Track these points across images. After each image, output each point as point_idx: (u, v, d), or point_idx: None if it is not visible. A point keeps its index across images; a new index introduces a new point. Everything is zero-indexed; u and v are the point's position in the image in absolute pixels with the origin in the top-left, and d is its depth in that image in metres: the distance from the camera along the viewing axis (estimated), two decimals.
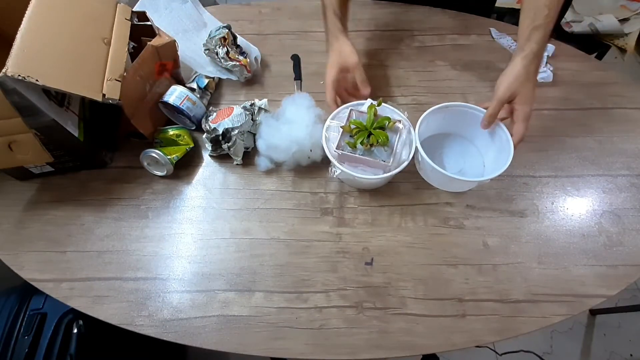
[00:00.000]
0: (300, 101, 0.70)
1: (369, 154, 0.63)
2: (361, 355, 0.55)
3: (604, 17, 1.29)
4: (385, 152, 0.63)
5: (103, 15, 0.64)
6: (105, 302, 0.59)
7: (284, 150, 0.67)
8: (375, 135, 0.62)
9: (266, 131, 0.69)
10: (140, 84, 0.67)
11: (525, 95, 0.60)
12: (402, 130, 0.65)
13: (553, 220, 0.65)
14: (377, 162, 0.62)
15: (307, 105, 0.70)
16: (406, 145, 0.65)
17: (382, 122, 0.64)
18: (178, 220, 0.67)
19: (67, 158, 0.67)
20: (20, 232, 0.66)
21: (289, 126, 0.67)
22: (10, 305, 0.82)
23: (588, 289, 0.59)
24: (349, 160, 0.64)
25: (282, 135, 0.67)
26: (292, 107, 0.70)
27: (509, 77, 0.60)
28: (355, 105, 0.68)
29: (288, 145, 0.66)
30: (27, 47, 0.51)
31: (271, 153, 0.69)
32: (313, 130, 0.67)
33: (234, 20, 0.90)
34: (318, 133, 0.66)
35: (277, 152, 0.68)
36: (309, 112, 0.68)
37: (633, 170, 0.70)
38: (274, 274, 0.61)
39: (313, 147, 0.67)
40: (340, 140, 0.64)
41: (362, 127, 0.64)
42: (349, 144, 0.63)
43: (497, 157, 0.64)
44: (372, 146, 0.62)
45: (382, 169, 0.63)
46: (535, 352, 1.23)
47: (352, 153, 0.63)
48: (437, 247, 0.63)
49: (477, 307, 0.58)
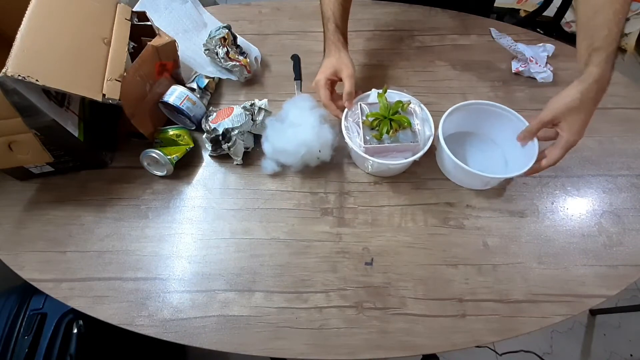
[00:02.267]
0: (302, 103, 0.70)
1: (396, 141, 0.64)
2: (361, 355, 0.55)
3: None
4: (410, 134, 0.65)
5: (103, 15, 0.64)
6: (105, 302, 0.59)
7: (292, 153, 0.67)
8: (397, 120, 0.64)
9: (272, 135, 0.68)
10: (140, 84, 0.67)
11: (572, 124, 0.55)
12: (414, 109, 0.67)
13: (553, 220, 0.65)
14: (407, 145, 0.63)
15: (310, 106, 0.70)
16: (425, 122, 0.67)
17: (397, 107, 0.65)
18: (178, 220, 0.67)
19: (67, 158, 0.67)
20: (20, 232, 0.66)
21: (294, 129, 0.67)
22: (10, 305, 0.82)
23: (588, 289, 0.59)
24: (378, 152, 0.64)
25: (288, 138, 0.67)
26: (294, 110, 0.70)
27: (558, 99, 0.55)
28: (361, 98, 0.69)
29: (296, 148, 0.66)
30: (27, 47, 0.51)
31: (279, 157, 0.69)
32: (320, 131, 0.67)
33: (234, 20, 0.90)
34: (325, 133, 0.66)
35: (286, 155, 0.68)
36: (312, 113, 0.68)
37: (633, 170, 0.70)
38: (274, 274, 0.61)
39: (322, 148, 0.67)
40: (365, 135, 0.64)
41: (381, 116, 0.64)
42: (375, 137, 0.64)
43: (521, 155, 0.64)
44: (396, 132, 0.64)
45: (412, 150, 0.64)
46: (535, 352, 1.23)
47: (381, 144, 0.64)
48: (437, 247, 0.63)
49: (477, 307, 0.58)
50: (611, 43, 0.52)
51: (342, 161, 0.72)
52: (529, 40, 0.86)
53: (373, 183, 0.70)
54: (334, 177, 0.70)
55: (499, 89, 0.81)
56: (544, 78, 0.80)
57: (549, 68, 0.80)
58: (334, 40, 0.70)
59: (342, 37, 0.71)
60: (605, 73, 0.52)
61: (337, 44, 0.70)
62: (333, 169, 0.71)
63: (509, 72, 0.83)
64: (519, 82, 0.82)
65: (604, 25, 0.51)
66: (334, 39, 0.70)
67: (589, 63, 0.53)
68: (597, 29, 0.52)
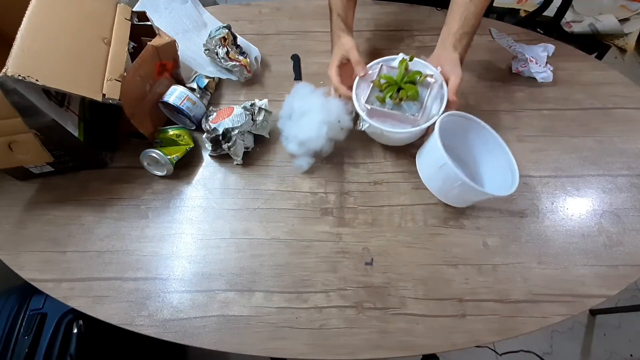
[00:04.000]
0: (301, 92, 0.71)
1: (397, 109, 0.62)
2: (361, 355, 0.55)
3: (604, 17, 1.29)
4: (414, 107, 0.62)
5: (103, 15, 0.64)
6: (105, 302, 0.59)
7: (316, 137, 0.67)
8: (405, 89, 0.62)
9: (290, 133, 0.69)
10: (140, 84, 0.67)
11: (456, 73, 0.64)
12: (433, 84, 0.64)
13: (553, 220, 0.65)
14: (406, 117, 0.61)
15: (309, 91, 0.70)
16: (437, 100, 0.64)
17: (413, 77, 0.63)
18: (178, 220, 0.67)
19: (67, 158, 0.67)
20: (20, 232, 0.66)
21: (306, 117, 0.67)
22: (10, 305, 0.82)
23: (588, 289, 0.59)
24: (377, 115, 0.63)
25: (306, 127, 0.67)
26: (297, 101, 0.70)
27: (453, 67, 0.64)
28: (386, 60, 0.67)
29: (317, 131, 0.66)
30: (27, 47, 0.51)
31: (307, 148, 0.68)
32: (329, 105, 0.67)
33: (234, 20, 0.90)
34: (334, 104, 0.66)
35: (312, 143, 0.67)
36: (314, 94, 0.69)
37: (633, 170, 0.70)
38: (274, 274, 0.61)
39: (339, 117, 0.66)
40: (370, 94, 0.63)
41: (392, 81, 0.63)
42: (378, 99, 0.62)
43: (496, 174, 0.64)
44: (401, 100, 0.61)
45: (410, 123, 0.62)
46: (535, 352, 1.23)
47: (381, 108, 0.62)
48: (437, 247, 0.63)
49: (477, 307, 0.58)
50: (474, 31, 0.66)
51: (342, 161, 0.72)
52: (529, 40, 0.86)
53: (373, 183, 0.70)
54: (334, 177, 0.70)
55: (499, 89, 0.81)
56: (544, 78, 0.80)
57: (549, 68, 0.80)
58: (336, 29, 0.71)
59: (343, 24, 0.71)
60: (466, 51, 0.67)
61: (338, 32, 0.70)
62: (333, 169, 0.71)
63: (509, 72, 0.83)
64: (519, 82, 0.82)
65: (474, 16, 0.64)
66: (336, 27, 0.71)
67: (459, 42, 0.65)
68: (470, 16, 0.64)
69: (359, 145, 0.73)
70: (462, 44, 0.65)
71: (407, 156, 0.72)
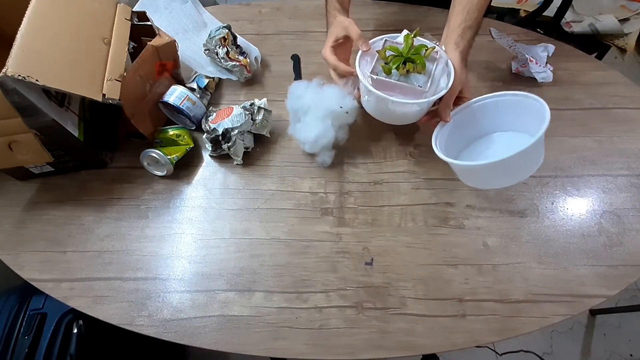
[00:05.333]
0: (296, 93, 0.70)
1: (404, 80, 0.59)
2: (361, 355, 0.55)
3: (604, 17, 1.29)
4: (422, 79, 0.60)
5: (103, 15, 0.64)
6: (105, 302, 0.59)
7: (325, 131, 0.66)
8: (413, 59, 0.59)
9: (303, 135, 0.69)
10: (140, 84, 0.67)
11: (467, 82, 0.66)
12: (439, 59, 0.62)
13: (553, 220, 0.65)
14: (413, 88, 0.59)
15: (303, 89, 0.69)
16: (444, 74, 0.62)
17: (419, 50, 0.61)
18: (178, 220, 0.67)
19: (67, 158, 0.67)
20: (20, 232, 0.66)
21: (310, 114, 0.67)
22: (10, 305, 0.82)
23: (588, 289, 0.59)
24: (383, 87, 0.60)
25: (314, 124, 0.66)
26: (296, 104, 0.69)
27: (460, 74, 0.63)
28: (390, 36, 0.65)
29: (323, 124, 0.66)
30: (27, 47, 0.51)
31: (322, 142, 0.68)
32: (326, 93, 0.66)
33: (234, 20, 0.90)
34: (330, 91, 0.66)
35: (323, 138, 0.67)
36: (310, 90, 0.68)
37: (633, 170, 0.70)
38: (274, 274, 0.61)
39: (341, 104, 0.66)
40: (375, 65, 0.61)
41: (399, 52, 0.60)
42: (384, 70, 0.60)
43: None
44: (408, 72, 0.60)
45: (417, 96, 0.60)
46: (535, 352, 1.23)
47: (388, 78, 0.60)
48: (437, 247, 0.63)
49: (477, 307, 0.58)
50: (478, 24, 0.64)
51: (342, 161, 0.72)
52: (529, 40, 0.86)
53: (373, 183, 0.70)
54: (334, 177, 0.70)
55: (499, 89, 0.81)
56: (544, 78, 0.80)
57: (549, 68, 0.80)
58: (331, 9, 0.70)
59: (339, 5, 0.70)
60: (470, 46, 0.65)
61: (334, 12, 0.69)
62: (333, 169, 0.71)
63: (509, 72, 0.83)
64: (519, 82, 0.82)
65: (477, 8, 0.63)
66: (331, 8, 0.70)
67: (463, 37, 0.63)
68: (472, 9, 0.63)
69: (359, 145, 0.73)
70: (465, 39, 0.63)
71: (407, 156, 0.72)
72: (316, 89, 0.68)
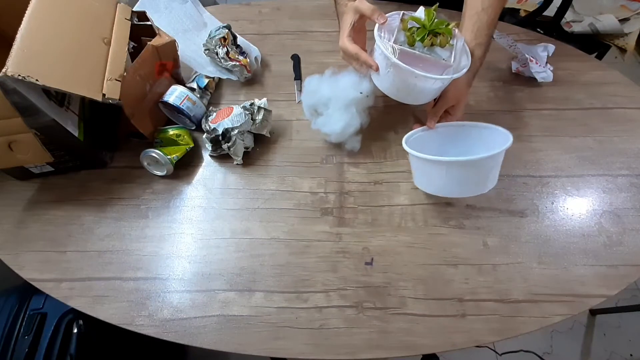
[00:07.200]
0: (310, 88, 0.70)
1: (429, 52, 0.58)
2: (361, 355, 0.55)
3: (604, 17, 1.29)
4: (446, 52, 0.59)
5: (103, 15, 0.64)
6: (105, 302, 0.59)
7: (350, 119, 0.67)
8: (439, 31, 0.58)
9: (328, 127, 0.69)
10: (140, 84, 0.67)
11: (464, 102, 0.67)
12: (458, 37, 0.61)
13: (553, 220, 0.65)
14: (438, 62, 0.58)
15: (317, 81, 0.69)
16: (464, 53, 0.61)
17: (440, 24, 0.59)
18: (178, 220, 0.67)
19: (67, 158, 0.67)
20: (20, 232, 0.66)
21: (332, 105, 0.67)
22: (10, 305, 0.82)
23: (588, 289, 0.59)
24: (406, 60, 0.56)
25: (338, 114, 0.67)
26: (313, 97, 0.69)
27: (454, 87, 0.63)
28: (407, 13, 0.63)
29: (347, 114, 0.66)
30: (27, 47, 0.51)
31: (349, 131, 0.69)
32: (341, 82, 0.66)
33: (234, 20, 0.90)
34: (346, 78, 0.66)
35: (350, 127, 0.68)
36: (324, 84, 0.68)
37: (633, 170, 0.70)
38: (274, 274, 0.61)
39: (360, 89, 0.65)
40: (398, 36, 0.58)
41: (422, 24, 0.59)
42: (409, 41, 0.58)
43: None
44: (432, 45, 0.58)
45: (441, 69, 0.58)
46: (535, 352, 1.23)
47: (412, 50, 0.58)
48: (437, 247, 0.63)
49: (477, 307, 0.58)
50: (489, 39, 0.64)
51: (342, 161, 0.72)
52: (529, 40, 0.86)
53: (373, 183, 0.70)
54: (334, 177, 0.70)
55: (499, 89, 0.81)
56: (544, 78, 0.80)
57: (549, 68, 0.80)
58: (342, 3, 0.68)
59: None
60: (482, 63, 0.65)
61: (344, 1, 0.67)
62: (333, 169, 0.71)
63: (509, 72, 0.83)
64: (519, 82, 0.82)
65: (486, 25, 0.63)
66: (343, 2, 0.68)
67: (474, 54, 0.62)
68: (482, 27, 0.62)
69: (359, 145, 0.73)
70: (477, 56, 0.63)
71: (407, 156, 0.72)
72: (330, 81, 0.68)
